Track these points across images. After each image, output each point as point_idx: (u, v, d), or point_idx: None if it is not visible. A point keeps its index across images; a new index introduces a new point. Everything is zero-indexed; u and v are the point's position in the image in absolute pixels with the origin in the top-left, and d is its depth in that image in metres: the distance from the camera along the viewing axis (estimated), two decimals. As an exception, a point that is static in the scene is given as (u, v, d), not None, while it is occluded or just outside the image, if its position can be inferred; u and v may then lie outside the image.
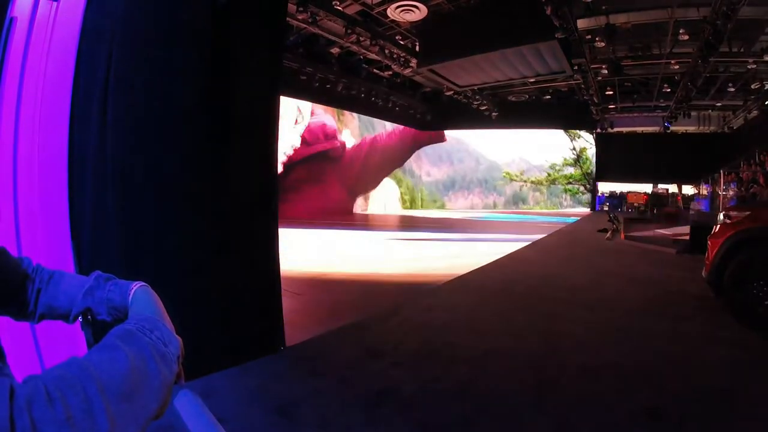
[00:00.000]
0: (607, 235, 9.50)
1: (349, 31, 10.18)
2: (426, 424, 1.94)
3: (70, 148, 2.05)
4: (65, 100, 2.04)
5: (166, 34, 2.24)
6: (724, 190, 9.48)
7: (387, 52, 11.68)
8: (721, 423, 1.94)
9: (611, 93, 15.28)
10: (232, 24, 2.42)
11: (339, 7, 9.48)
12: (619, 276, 5.25)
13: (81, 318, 0.66)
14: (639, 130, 18.87)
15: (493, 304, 4.01)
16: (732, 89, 13.70)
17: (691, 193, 15.56)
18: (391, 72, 14.57)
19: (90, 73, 2.08)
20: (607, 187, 20.70)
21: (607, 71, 12.02)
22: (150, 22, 2.20)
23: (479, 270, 5.70)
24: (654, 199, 16.56)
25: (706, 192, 11.88)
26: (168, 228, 2.27)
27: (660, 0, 8.80)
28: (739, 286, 3.26)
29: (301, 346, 2.87)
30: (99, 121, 2.09)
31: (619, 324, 3.33)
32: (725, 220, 3.55)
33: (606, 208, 18.00)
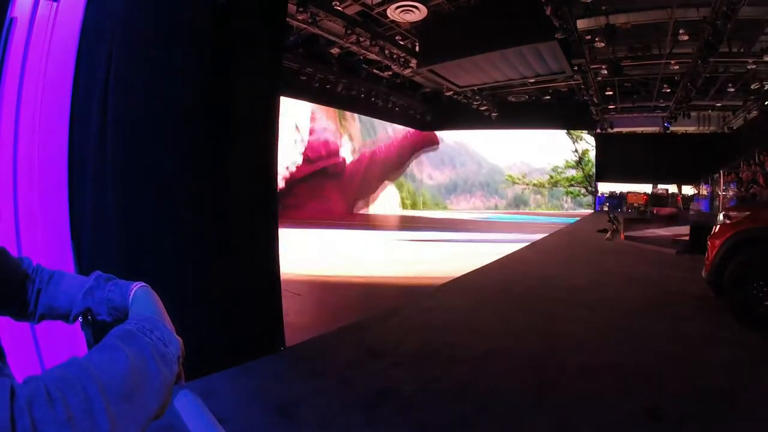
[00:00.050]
0: (606, 236, 9.51)
1: (349, 31, 10.17)
2: (426, 424, 1.94)
3: (70, 148, 2.05)
4: (65, 100, 2.04)
5: (166, 34, 2.24)
6: (723, 191, 9.48)
7: (387, 52, 11.67)
8: (721, 423, 1.94)
9: (611, 93, 15.27)
10: (232, 24, 2.42)
11: (339, 8, 9.47)
12: (619, 276, 5.25)
13: (81, 318, 0.66)
14: (639, 130, 18.85)
15: (493, 304, 4.01)
16: (732, 89, 13.70)
17: (691, 194, 15.55)
18: (391, 72, 14.56)
19: (90, 73, 2.08)
20: (607, 187, 20.71)
21: (606, 71, 12.01)
22: (150, 22, 2.21)
23: (479, 270, 5.70)
24: (653, 200, 16.56)
25: (705, 192, 11.87)
26: (168, 228, 2.27)
27: (660, 0, 8.79)
28: (739, 286, 3.26)
29: (301, 346, 2.87)
30: (99, 121, 2.09)
31: (619, 324, 3.33)
32: (725, 220, 3.55)
33: (606, 209, 18.00)
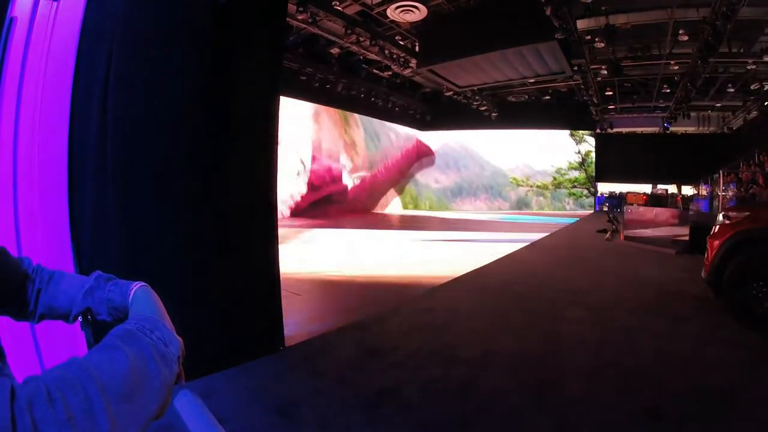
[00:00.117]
0: (606, 236, 9.51)
1: (349, 31, 10.17)
2: (426, 424, 1.94)
3: (70, 147, 2.05)
4: (65, 99, 2.04)
5: (166, 34, 2.24)
6: (723, 191, 9.47)
7: (387, 52, 11.67)
8: (721, 423, 1.94)
9: (611, 93, 15.28)
10: (232, 24, 2.42)
11: (339, 8, 9.47)
12: (618, 276, 5.25)
13: (81, 318, 0.66)
14: (639, 130, 18.87)
15: (493, 303, 4.01)
16: (731, 90, 13.70)
17: (691, 194, 15.54)
18: (390, 72, 14.56)
19: (90, 72, 2.08)
20: (607, 187, 20.72)
21: (606, 72, 12.01)
22: (150, 22, 2.20)
23: (479, 270, 5.70)
24: (653, 200, 16.56)
25: (705, 192, 11.87)
26: (168, 228, 2.27)
27: (660, 0, 8.79)
28: (738, 286, 3.26)
29: (301, 346, 2.87)
30: (99, 121, 2.09)
31: (619, 324, 3.33)
32: (724, 220, 3.55)
33: (605, 209, 18.01)
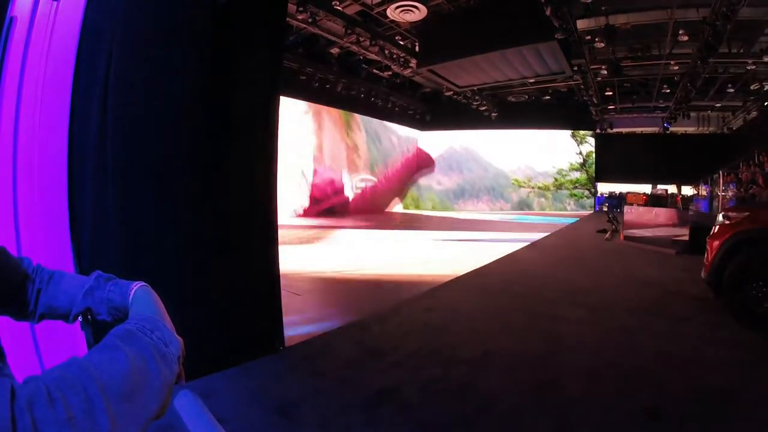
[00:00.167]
0: (606, 236, 9.51)
1: (348, 31, 10.17)
2: (426, 424, 1.94)
3: (70, 147, 2.05)
4: (65, 99, 2.04)
5: (166, 34, 2.23)
6: (723, 191, 9.47)
7: (387, 52, 11.67)
8: (721, 423, 1.94)
9: (611, 93, 15.29)
10: (232, 24, 2.42)
11: (339, 7, 9.48)
12: (618, 276, 5.25)
13: (81, 318, 0.66)
14: (638, 130, 18.88)
15: (493, 303, 4.01)
16: (731, 90, 13.71)
17: (691, 194, 15.54)
18: (390, 72, 14.56)
19: (90, 72, 2.08)
20: (607, 187, 20.73)
21: (606, 72, 12.01)
22: (150, 21, 2.20)
23: (479, 270, 5.70)
24: (653, 200, 16.56)
25: (705, 193, 11.86)
26: (168, 228, 2.27)
27: (660, 0, 8.79)
28: (738, 286, 3.26)
29: (301, 346, 2.87)
30: (99, 120, 2.09)
31: (619, 324, 3.34)
32: (724, 221, 3.55)
33: (605, 209, 18.01)
